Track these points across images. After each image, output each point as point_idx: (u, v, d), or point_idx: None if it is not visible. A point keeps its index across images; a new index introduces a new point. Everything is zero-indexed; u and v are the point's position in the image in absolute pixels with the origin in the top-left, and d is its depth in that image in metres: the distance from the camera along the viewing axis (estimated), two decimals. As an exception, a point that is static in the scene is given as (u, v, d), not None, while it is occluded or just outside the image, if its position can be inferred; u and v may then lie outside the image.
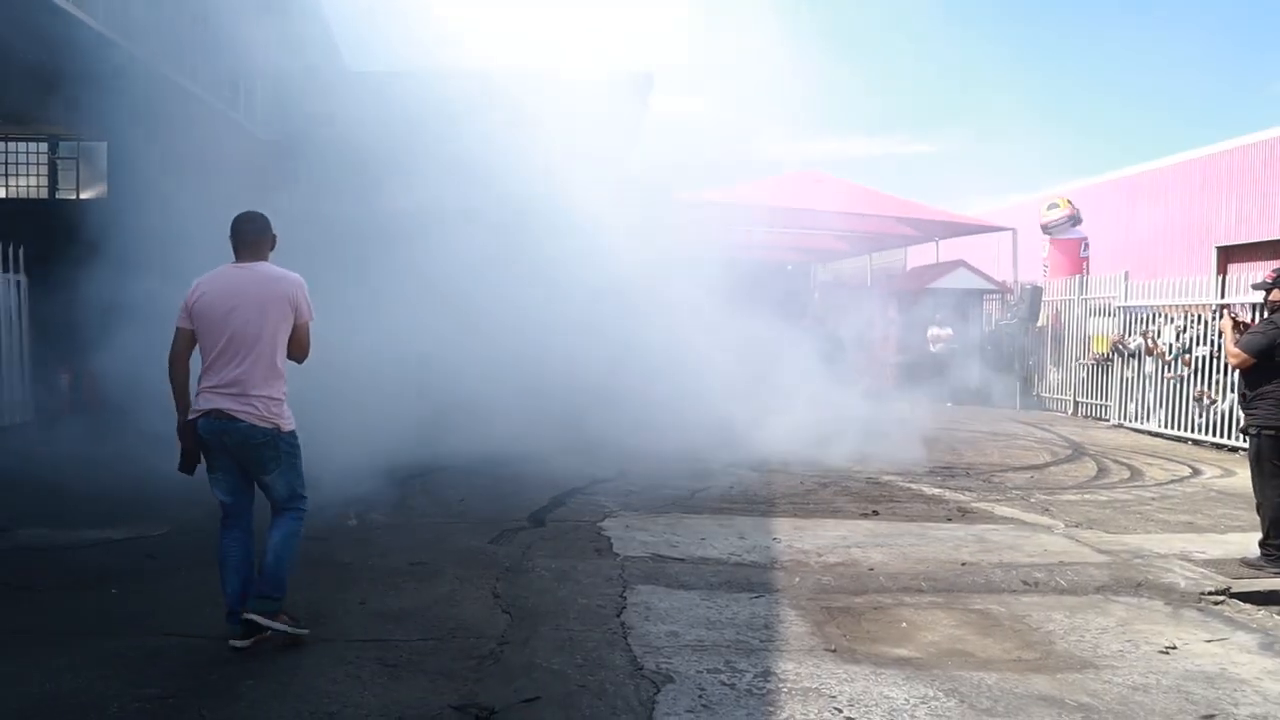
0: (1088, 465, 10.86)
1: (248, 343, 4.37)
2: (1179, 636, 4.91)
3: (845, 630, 4.88)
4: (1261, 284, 6.61)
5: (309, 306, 4.57)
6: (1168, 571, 6.07)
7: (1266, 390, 6.20)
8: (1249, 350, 6.25)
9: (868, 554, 6.37)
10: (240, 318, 4.38)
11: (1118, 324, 14.94)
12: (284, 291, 4.46)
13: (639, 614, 5.00)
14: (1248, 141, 19.13)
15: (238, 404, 4.36)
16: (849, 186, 21.07)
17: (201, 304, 4.40)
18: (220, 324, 4.36)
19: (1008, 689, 4.15)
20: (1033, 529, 7.30)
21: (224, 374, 4.37)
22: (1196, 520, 7.80)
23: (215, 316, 4.37)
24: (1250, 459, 6.45)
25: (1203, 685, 4.26)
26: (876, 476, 9.50)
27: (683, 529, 6.93)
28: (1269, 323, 6.30)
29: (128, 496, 7.25)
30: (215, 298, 4.39)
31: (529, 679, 4.09)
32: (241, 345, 4.37)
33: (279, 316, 4.44)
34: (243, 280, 4.45)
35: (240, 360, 4.37)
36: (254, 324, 4.39)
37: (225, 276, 4.48)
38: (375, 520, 6.93)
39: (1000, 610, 5.29)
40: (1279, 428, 6.14)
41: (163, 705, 3.75)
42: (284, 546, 4.48)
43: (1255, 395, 6.28)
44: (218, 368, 4.39)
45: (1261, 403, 6.23)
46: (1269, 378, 6.19)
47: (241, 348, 4.37)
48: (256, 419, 4.38)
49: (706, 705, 3.88)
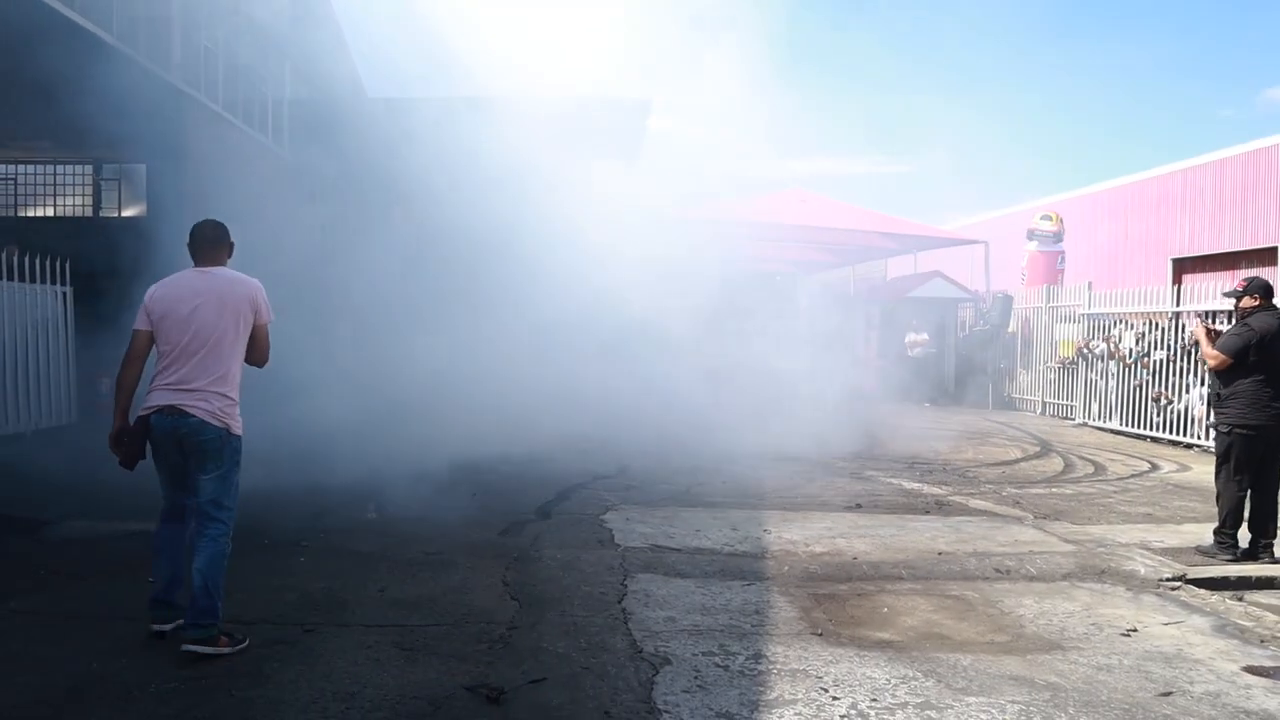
0: (1055, 461, 10.84)
1: (208, 343, 4.22)
2: (1139, 620, 4.90)
3: (831, 615, 4.86)
4: (1233, 292, 6.57)
5: (268, 309, 4.41)
6: (1129, 560, 6.06)
7: (1239, 390, 6.15)
8: (1227, 352, 6.20)
9: (852, 544, 6.35)
10: (201, 318, 4.21)
11: (1082, 330, 14.94)
12: (245, 293, 4.32)
13: (639, 601, 4.99)
14: (1199, 162, 19.18)
15: (191, 400, 4.19)
16: (832, 203, 21.10)
17: (162, 306, 4.24)
18: (182, 324, 4.20)
19: (981, 669, 4.14)
20: (1004, 520, 7.28)
21: (181, 372, 4.19)
22: (1155, 512, 7.79)
23: (177, 317, 4.21)
24: (1218, 454, 6.39)
25: (1161, 665, 4.25)
26: (859, 472, 9.49)
27: (679, 521, 6.92)
28: (1243, 325, 6.25)
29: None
30: (176, 300, 4.24)
31: (536, 661, 4.08)
32: (201, 345, 4.21)
33: (240, 318, 4.29)
34: (204, 282, 4.30)
35: (199, 360, 4.19)
36: (215, 324, 4.24)
37: (185, 279, 4.33)
38: (393, 513, 6.92)
39: (974, 596, 5.28)
40: (1250, 425, 6.10)
41: (195, 685, 3.74)
42: (211, 569, 4.13)
43: (1229, 395, 6.22)
44: (176, 366, 4.21)
45: (1234, 402, 6.18)
46: (1241, 378, 6.14)
47: (201, 348, 4.21)
48: (209, 416, 4.20)
49: (702, 685, 3.87)
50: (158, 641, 4.20)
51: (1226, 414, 6.25)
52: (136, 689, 3.69)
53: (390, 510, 7.00)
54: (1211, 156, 18.84)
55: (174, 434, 4.20)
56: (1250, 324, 6.20)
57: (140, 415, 4.27)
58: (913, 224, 22.09)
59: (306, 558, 5.71)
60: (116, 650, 4.09)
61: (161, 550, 4.37)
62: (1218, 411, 6.41)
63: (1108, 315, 14.38)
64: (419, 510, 7.01)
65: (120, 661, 3.96)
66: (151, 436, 4.26)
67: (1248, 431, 6.11)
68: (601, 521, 6.86)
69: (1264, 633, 4.78)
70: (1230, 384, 6.23)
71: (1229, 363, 6.19)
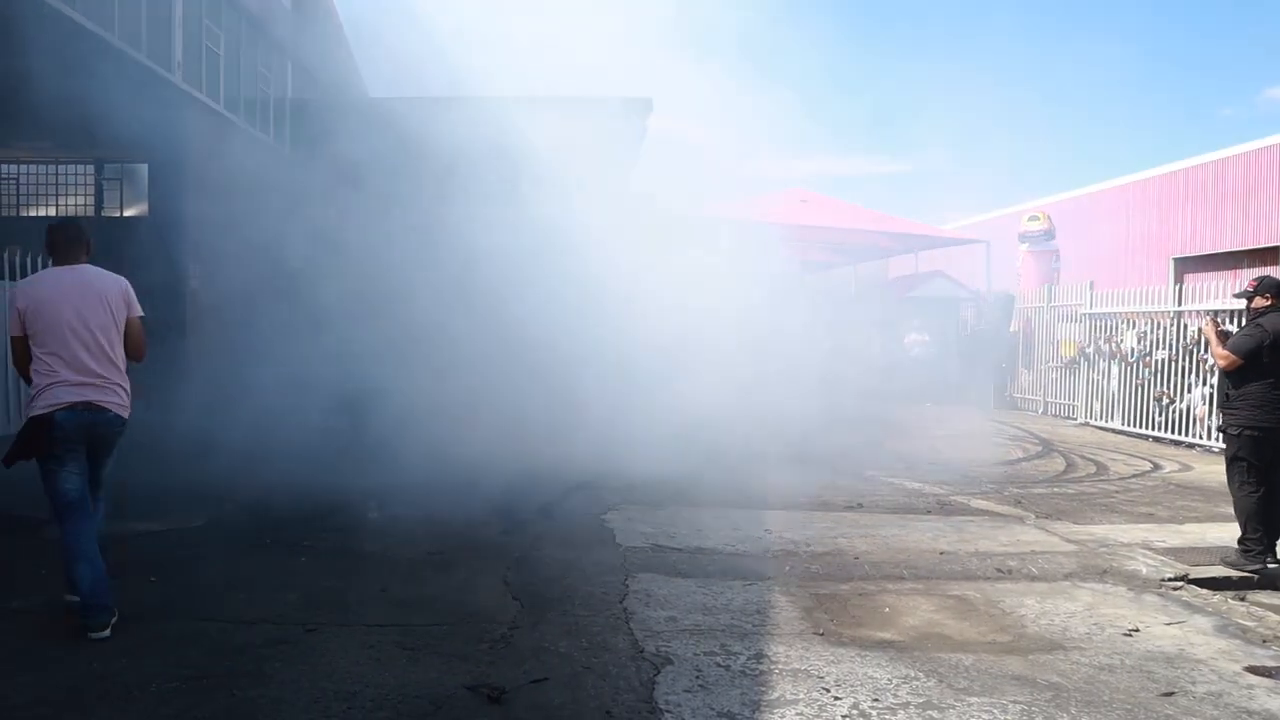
0: (1057, 461, 10.83)
1: (96, 338, 4.32)
2: (1141, 620, 4.88)
3: (832, 615, 4.85)
4: (1244, 292, 6.40)
5: (137, 303, 4.54)
6: (1131, 559, 6.05)
7: (1248, 391, 6.01)
8: (1238, 352, 6.06)
9: (853, 543, 6.35)
10: (80, 315, 4.31)
11: (1084, 330, 14.93)
12: (118, 289, 4.45)
13: (640, 600, 4.98)
14: (1200, 161, 19.16)
15: (104, 395, 4.32)
16: (834, 203, 21.09)
17: (37, 307, 4.28)
18: (65, 322, 4.25)
19: (983, 669, 4.13)
20: (1006, 520, 7.27)
21: (82, 368, 4.28)
22: (1157, 512, 7.78)
23: (57, 316, 4.25)
24: (1227, 457, 6.22)
25: (1163, 665, 4.24)
26: (861, 471, 9.48)
27: (681, 521, 6.91)
28: (1255, 325, 6.11)
29: (168, 492, 7.25)
30: (50, 299, 4.29)
31: (537, 661, 4.08)
32: (91, 341, 4.30)
33: (116, 312, 4.42)
34: (74, 280, 4.36)
35: (96, 355, 4.32)
36: (99, 320, 4.34)
37: (54, 278, 4.38)
38: (396, 514, 6.91)
39: (976, 596, 5.27)
40: (1259, 428, 5.95)
41: (197, 685, 3.73)
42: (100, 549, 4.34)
43: (1238, 396, 6.07)
44: (71, 363, 4.26)
45: (1243, 403, 6.04)
46: (1251, 379, 6.00)
47: (92, 343, 4.31)
48: (119, 409, 4.39)
49: (703, 685, 3.86)
50: (155, 642, 4.19)
51: (1235, 416, 6.10)
52: (137, 689, 3.68)
53: (394, 510, 7.00)
54: (1213, 156, 18.84)
55: (89, 428, 4.29)
56: (1262, 324, 6.05)
57: (41, 414, 4.24)
58: (914, 224, 22.10)
59: (308, 558, 5.71)
60: (117, 650, 4.09)
61: (80, 553, 4.25)
62: (1226, 413, 6.25)
63: (1109, 315, 14.37)
64: (422, 510, 7.01)
65: (120, 661, 3.95)
66: (56, 433, 4.23)
67: (1257, 433, 5.95)
68: (603, 521, 6.85)
69: (1266, 633, 4.76)
70: (1240, 385, 6.08)
71: (1240, 364, 6.04)
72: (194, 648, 4.14)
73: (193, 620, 4.52)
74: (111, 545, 5.87)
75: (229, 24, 12.43)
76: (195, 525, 6.49)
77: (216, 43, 12.01)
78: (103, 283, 4.41)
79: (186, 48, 10.96)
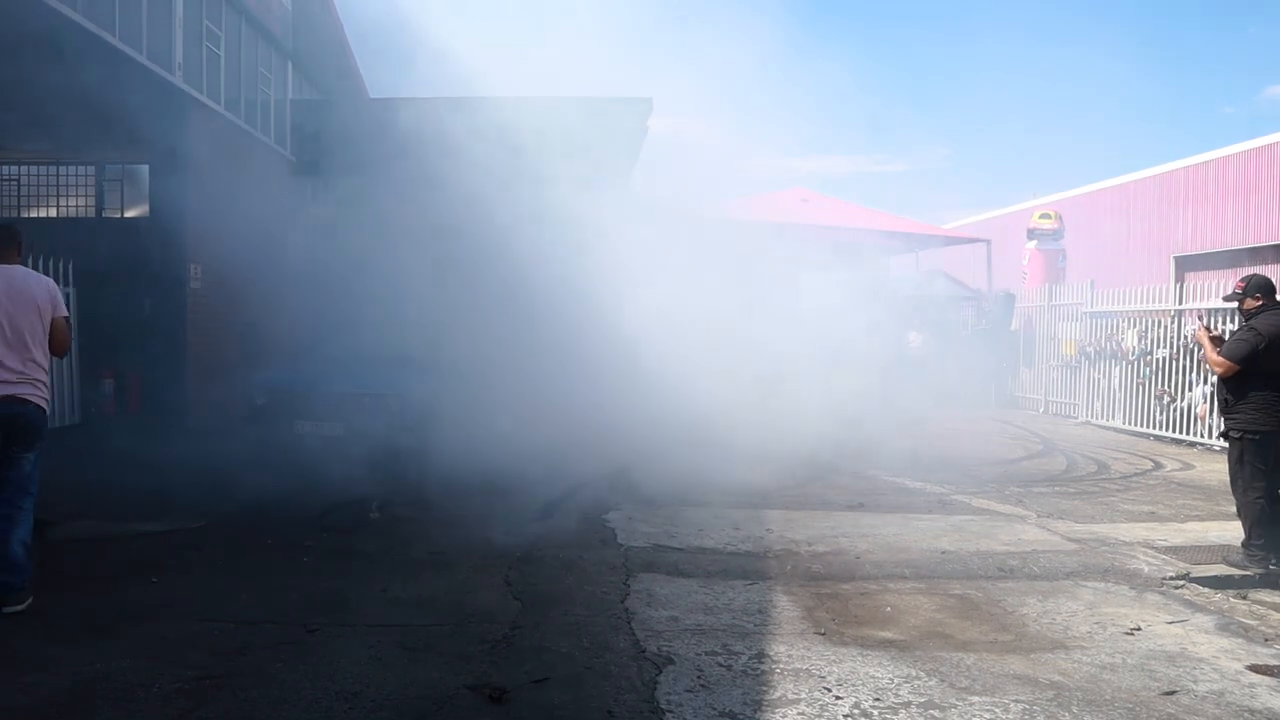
0: (1058, 460, 10.82)
1: (23, 334, 4.62)
2: (1143, 619, 4.88)
3: (834, 614, 4.85)
4: (1233, 295, 6.31)
5: (63, 305, 4.86)
6: (1132, 558, 6.04)
7: (1247, 395, 5.92)
8: (1234, 358, 5.95)
9: (854, 543, 6.34)
10: (14, 311, 4.60)
11: (1084, 329, 14.92)
12: (45, 287, 4.77)
13: (641, 600, 4.98)
14: (1201, 160, 19.15)
15: (28, 389, 4.60)
16: (834, 202, 21.08)
17: None
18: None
19: (985, 668, 4.12)
20: (1007, 519, 7.27)
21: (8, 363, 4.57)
22: (1158, 510, 7.77)
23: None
24: (1230, 462, 6.11)
25: (1165, 664, 4.24)
26: (862, 471, 9.47)
27: (681, 520, 6.91)
28: (1249, 329, 6.00)
29: (168, 493, 7.25)
30: None
31: (539, 661, 4.08)
32: (18, 337, 4.61)
33: (42, 310, 4.70)
34: (4, 281, 4.65)
35: (21, 350, 4.62)
36: (27, 317, 4.63)
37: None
38: (398, 514, 6.92)
39: (978, 595, 5.27)
40: (1260, 431, 5.87)
41: (199, 686, 3.73)
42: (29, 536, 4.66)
43: (1238, 400, 5.98)
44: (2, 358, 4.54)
45: (1244, 407, 5.94)
46: (1249, 382, 5.91)
47: (18, 339, 4.61)
48: (41, 401, 4.67)
49: (705, 685, 3.86)
50: (158, 642, 4.20)
51: (1236, 419, 6.01)
52: (140, 689, 3.68)
53: (395, 510, 7.00)
54: (1214, 154, 18.82)
55: (10, 420, 4.53)
56: (1255, 326, 5.95)
57: None
58: (915, 223, 22.07)
59: (309, 558, 5.72)
60: (120, 651, 4.09)
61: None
62: (1227, 417, 6.16)
63: (1110, 314, 14.36)
64: (424, 510, 7.01)
65: (124, 662, 3.95)
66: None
67: (1258, 437, 5.88)
68: (604, 521, 6.85)
69: (1268, 631, 4.76)
70: (1238, 389, 5.99)
71: (1236, 369, 5.95)
72: (196, 648, 4.14)
73: (195, 621, 4.52)
74: (113, 546, 5.93)
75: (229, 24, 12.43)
76: (195, 526, 6.48)
77: (217, 43, 12.02)
78: (35, 282, 4.74)
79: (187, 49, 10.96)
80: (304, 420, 8.29)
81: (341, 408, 8.30)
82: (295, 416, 8.30)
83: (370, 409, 8.27)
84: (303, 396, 8.39)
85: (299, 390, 8.46)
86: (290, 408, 8.36)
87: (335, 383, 8.56)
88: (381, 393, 8.44)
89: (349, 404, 8.33)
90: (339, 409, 8.30)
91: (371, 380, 8.63)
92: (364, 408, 8.30)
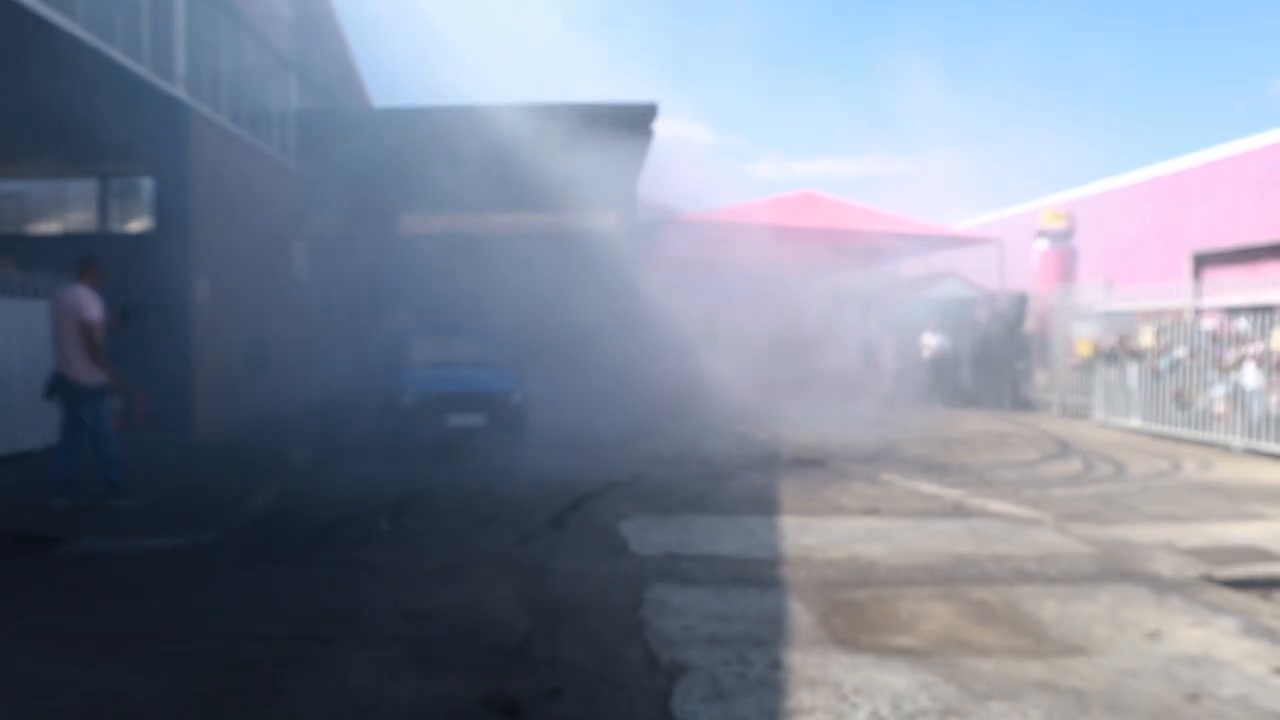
0: (1074, 461, 10.77)
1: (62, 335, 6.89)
2: (1164, 622, 4.86)
3: (849, 621, 4.85)
4: None
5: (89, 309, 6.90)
6: (1152, 560, 6.01)
7: None
8: None
9: (869, 549, 6.33)
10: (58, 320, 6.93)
11: (1100, 328, 14.85)
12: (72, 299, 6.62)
13: (654, 609, 4.98)
14: (1216, 155, 19.08)
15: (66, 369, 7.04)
16: (842, 204, 21.06)
17: None
18: None
19: (1004, 675, 4.11)
20: (1024, 523, 7.24)
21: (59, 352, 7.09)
22: (1178, 511, 7.73)
23: None
24: None
25: (1188, 668, 4.22)
26: (876, 475, 9.45)
27: (695, 528, 6.91)
28: None
29: (179, 508, 7.29)
30: None
31: (552, 672, 4.08)
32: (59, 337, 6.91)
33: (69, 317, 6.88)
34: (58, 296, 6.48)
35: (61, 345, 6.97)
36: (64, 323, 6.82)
37: None
38: (408, 526, 6.94)
39: (995, 600, 5.25)
40: None
41: (211, 703, 3.75)
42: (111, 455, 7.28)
43: None
44: None
45: None
46: None
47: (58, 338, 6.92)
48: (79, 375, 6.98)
49: (720, 695, 3.87)
50: (169, 659, 4.22)
51: None
52: (150, 708, 3.71)
53: (405, 523, 7.03)
54: (1229, 149, 18.76)
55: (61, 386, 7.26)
56: None
57: None
58: (925, 224, 22.02)
59: (321, 571, 5.74)
60: (130, 669, 4.11)
61: None
62: None
63: (1126, 312, 14.29)
64: (434, 522, 7.03)
65: (134, 679, 3.98)
66: None
67: None
68: (616, 530, 6.86)
69: (1293, 633, 4.73)
70: None
71: None
72: (207, 664, 4.17)
73: (206, 637, 4.54)
74: (124, 562, 5.97)
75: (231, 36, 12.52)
76: (206, 541, 6.51)
77: (219, 55, 12.11)
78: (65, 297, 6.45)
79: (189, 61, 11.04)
80: (455, 414, 10.45)
81: (484, 403, 10.62)
82: (447, 411, 10.43)
83: (501, 403, 10.68)
84: (452, 396, 10.54)
85: (448, 391, 10.59)
86: (440, 404, 10.44)
87: (476, 384, 10.89)
88: (509, 389, 10.84)
89: (488, 400, 10.66)
90: (482, 404, 10.62)
91: (499, 381, 11.04)
92: (497, 402, 10.67)
